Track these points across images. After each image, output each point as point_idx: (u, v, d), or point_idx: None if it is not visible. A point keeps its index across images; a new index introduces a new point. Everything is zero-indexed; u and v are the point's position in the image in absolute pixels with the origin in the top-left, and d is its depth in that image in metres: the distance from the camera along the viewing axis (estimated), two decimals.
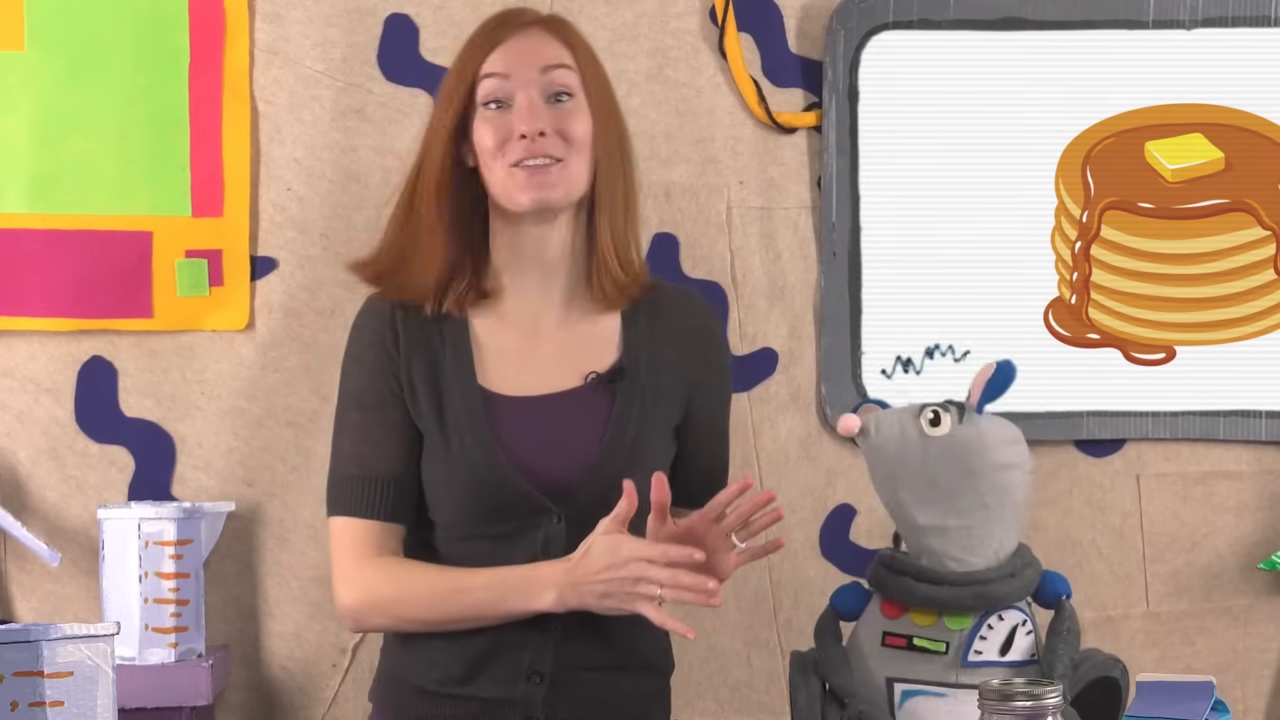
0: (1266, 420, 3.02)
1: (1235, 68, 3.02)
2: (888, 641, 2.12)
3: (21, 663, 1.78)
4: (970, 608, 2.08)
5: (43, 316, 2.97)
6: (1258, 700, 3.04)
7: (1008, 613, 2.10)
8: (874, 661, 2.12)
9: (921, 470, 2.11)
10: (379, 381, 2.36)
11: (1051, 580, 2.15)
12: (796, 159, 3.03)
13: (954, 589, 2.08)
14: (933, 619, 2.10)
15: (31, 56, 2.96)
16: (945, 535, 2.10)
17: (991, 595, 2.08)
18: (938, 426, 2.10)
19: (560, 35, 2.38)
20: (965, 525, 2.10)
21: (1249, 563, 3.03)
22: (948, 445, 2.10)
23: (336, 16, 2.99)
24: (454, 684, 2.34)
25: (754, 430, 3.00)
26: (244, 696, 3.01)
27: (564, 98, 2.34)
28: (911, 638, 2.11)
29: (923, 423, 2.10)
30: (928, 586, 2.09)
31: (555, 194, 2.32)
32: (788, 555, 3.01)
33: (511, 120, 2.32)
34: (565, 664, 2.32)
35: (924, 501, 2.11)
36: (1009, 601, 2.10)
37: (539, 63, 2.34)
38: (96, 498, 2.97)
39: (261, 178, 3.00)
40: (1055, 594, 2.15)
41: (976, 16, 3.00)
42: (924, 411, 2.11)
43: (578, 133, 2.33)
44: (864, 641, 2.14)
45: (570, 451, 2.33)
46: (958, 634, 2.09)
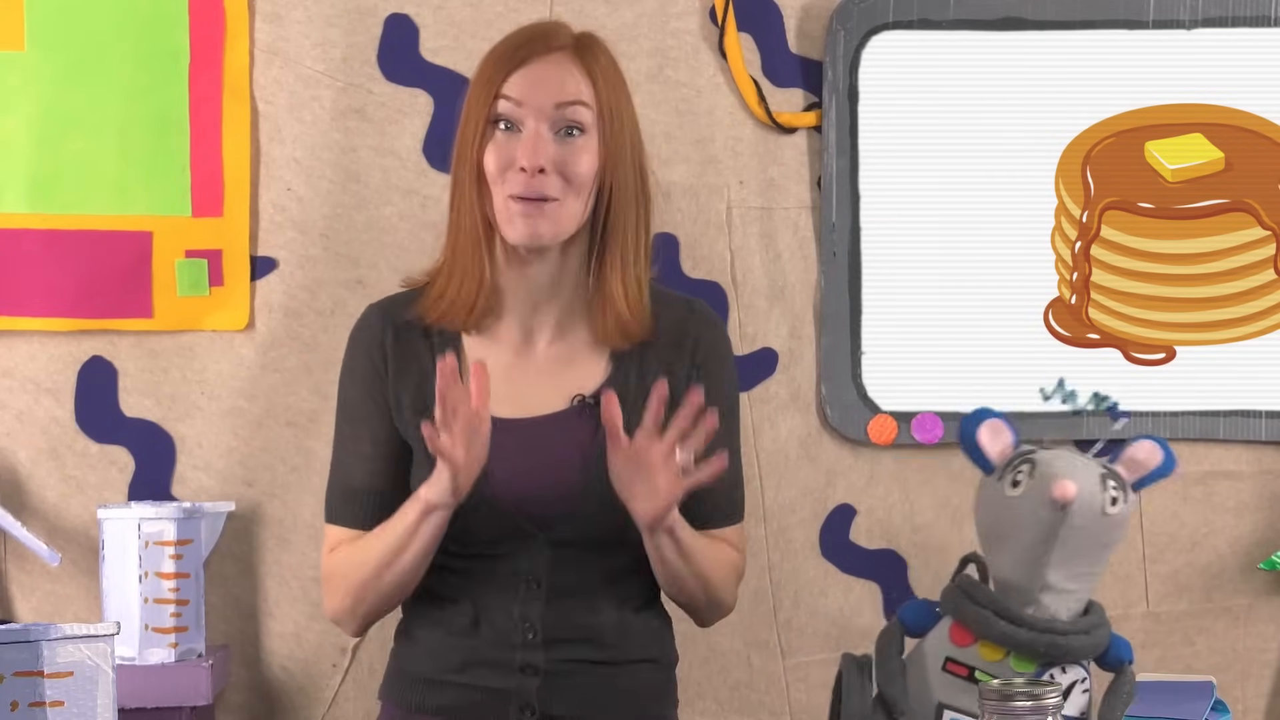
0: (1266, 420, 3.02)
1: (1235, 68, 3.02)
2: (949, 667, 2.11)
3: (21, 663, 1.78)
4: (1041, 655, 2.08)
5: (43, 316, 2.97)
6: (1258, 700, 3.04)
7: (1071, 668, 2.10)
8: (932, 683, 2.11)
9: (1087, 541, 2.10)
10: (366, 397, 2.36)
11: (1118, 645, 2.16)
12: (796, 159, 3.03)
13: (1032, 633, 2.08)
14: (1001, 656, 2.09)
15: (31, 56, 2.96)
16: (1063, 597, 2.11)
17: (1064, 648, 2.08)
18: (1115, 506, 2.09)
19: (585, 64, 2.33)
20: (1082, 590, 2.12)
21: (1249, 563, 3.03)
22: (1113, 522, 2.10)
23: (336, 16, 2.99)
24: (452, 672, 2.34)
25: (754, 430, 3.00)
26: (244, 696, 3.01)
27: (574, 132, 2.30)
28: (974, 669, 2.10)
29: (1106, 499, 2.09)
30: (1007, 625, 2.08)
31: (546, 233, 2.28)
32: (788, 555, 3.02)
33: (517, 148, 2.29)
34: (557, 660, 2.32)
35: (1067, 564, 2.10)
36: (1078, 657, 2.10)
37: (554, 97, 2.29)
38: (96, 498, 2.97)
39: (261, 178, 3.00)
40: (1120, 659, 2.16)
41: (976, 16, 3.00)
42: (1108, 488, 2.09)
43: (580, 172, 2.29)
44: (926, 661, 2.13)
45: (554, 476, 2.31)
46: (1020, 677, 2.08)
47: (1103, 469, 2.11)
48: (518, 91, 2.30)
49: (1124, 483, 2.11)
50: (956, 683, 2.10)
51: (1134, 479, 2.14)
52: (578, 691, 2.33)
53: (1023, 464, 2.10)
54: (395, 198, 2.99)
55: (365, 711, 2.98)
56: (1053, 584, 2.09)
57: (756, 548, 2.97)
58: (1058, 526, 2.07)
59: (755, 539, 2.96)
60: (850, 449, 3.00)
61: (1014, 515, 2.11)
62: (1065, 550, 2.08)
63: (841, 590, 3.02)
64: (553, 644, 2.32)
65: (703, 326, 2.41)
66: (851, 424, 3.00)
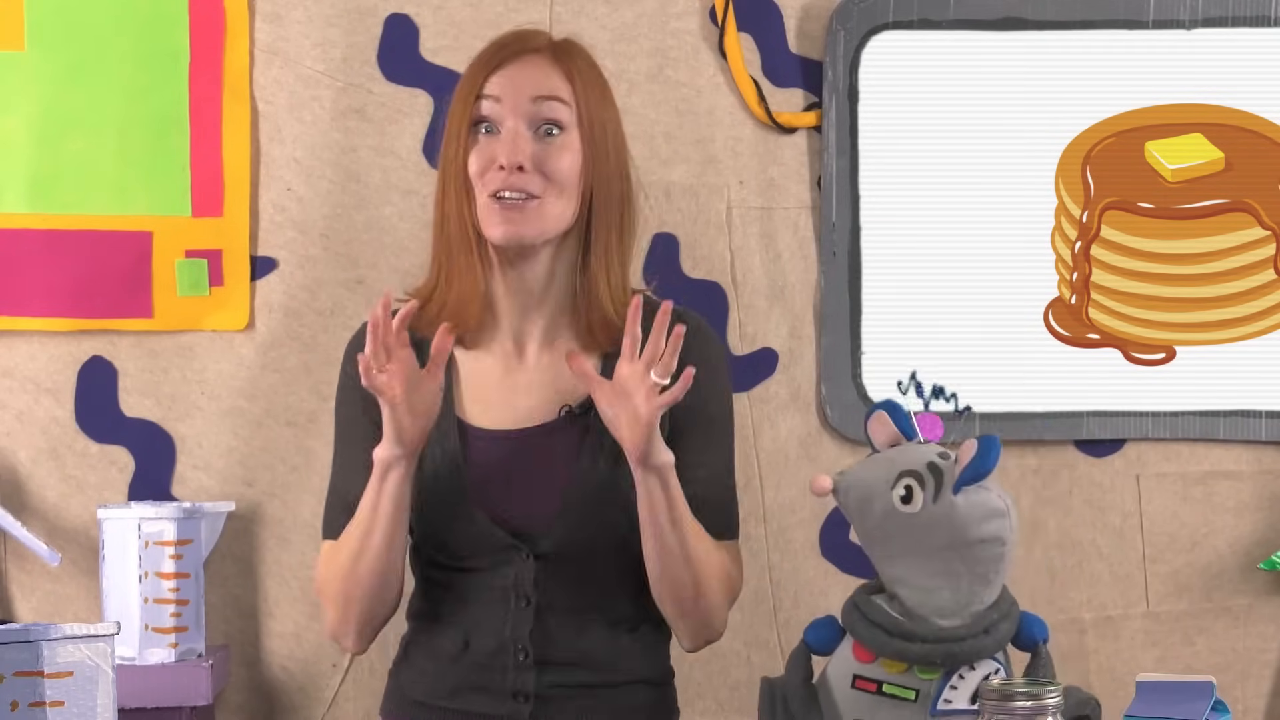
0: (1266, 420, 3.02)
1: (1235, 68, 3.02)
2: (858, 684, 2.10)
3: (21, 663, 1.78)
4: (939, 665, 2.06)
5: (43, 316, 2.97)
6: (1258, 700, 3.04)
7: (981, 662, 2.09)
8: (843, 703, 2.09)
9: (892, 537, 2.07)
10: (361, 413, 2.35)
11: (1029, 625, 2.11)
12: (796, 159, 3.03)
13: (925, 645, 2.04)
14: (904, 668, 2.07)
15: (31, 56, 2.96)
16: (925, 594, 2.08)
17: (963, 653, 2.05)
18: (909, 504, 2.06)
19: (563, 65, 2.33)
20: (935, 587, 2.07)
21: (1249, 563, 3.03)
22: (921, 521, 2.06)
23: (336, 16, 2.99)
24: (443, 698, 2.34)
25: (754, 430, 3.00)
26: (244, 696, 3.01)
27: (553, 130, 2.30)
28: (882, 683, 2.08)
29: (894, 498, 2.07)
30: (900, 641, 2.05)
31: (528, 232, 2.28)
32: (788, 555, 3.02)
33: (496, 147, 2.29)
34: (549, 685, 2.31)
35: (892, 558, 2.08)
36: (981, 657, 2.07)
37: (531, 92, 2.29)
38: (96, 498, 2.97)
39: (261, 178, 3.00)
40: (1032, 639, 2.11)
41: (976, 16, 3.00)
42: (897, 485, 2.06)
43: (560, 170, 2.28)
44: (834, 681, 2.11)
45: (539, 491, 2.31)
46: (928, 683, 2.07)
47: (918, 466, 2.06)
48: (496, 89, 2.30)
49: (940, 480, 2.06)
50: (868, 698, 2.09)
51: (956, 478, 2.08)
52: (571, 716, 2.32)
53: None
54: (395, 198, 2.99)
55: (365, 711, 2.98)
56: (894, 576, 2.07)
57: (756, 548, 2.97)
58: (854, 524, 2.10)
59: (755, 539, 2.96)
60: (850, 449, 3.00)
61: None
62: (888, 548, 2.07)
63: (841, 590, 3.00)
64: (544, 667, 2.31)
65: (695, 344, 2.32)
66: (851, 424, 3.00)
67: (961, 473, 2.05)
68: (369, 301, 2.96)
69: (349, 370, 2.38)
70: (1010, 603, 2.11)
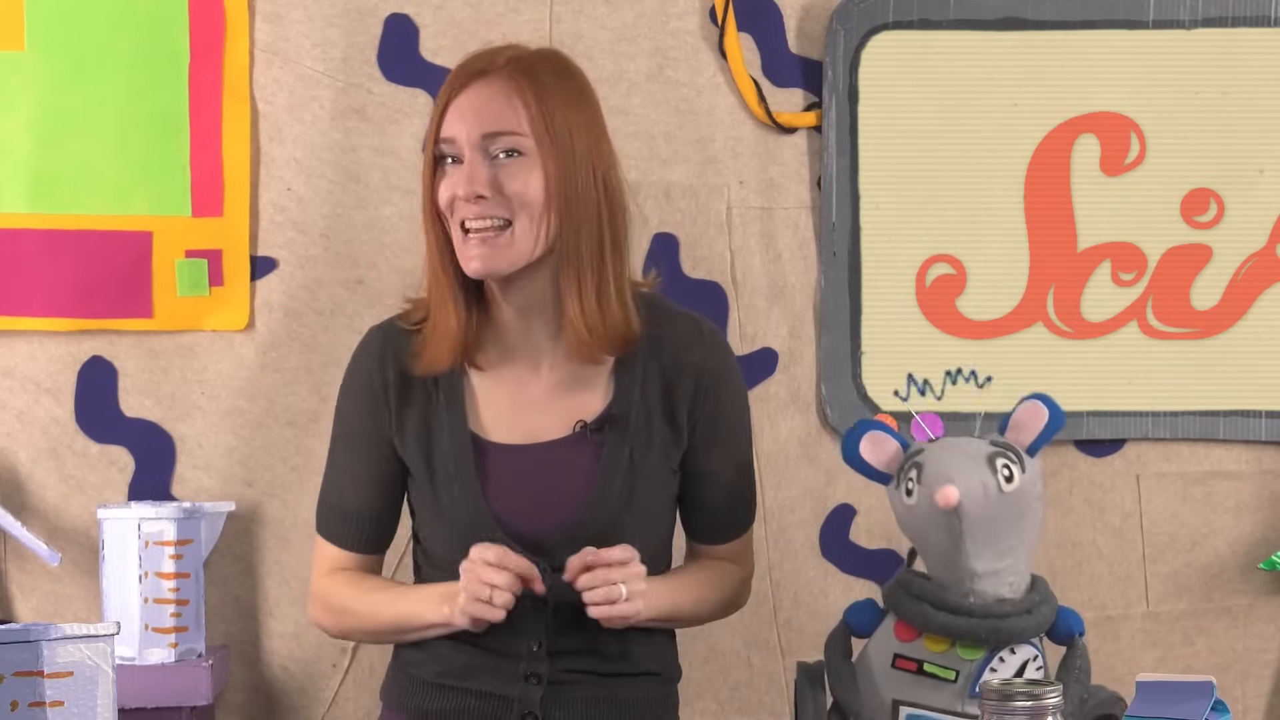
0: (1266, 420, 3.02)
1: (1235, 68, 3.02)
2: (898, 664, 2.11)
3: (21, 663, 1.78)
4: (985, 641, 2.08)
5: (43, 316, 2.97)
6: (1258, 700, 3.05)
7: (1021, 647, 2.10)
8: (883, 682, 2.11)
9: (994, 523, 2.08)
10: (363, 422, 2.36)
11: (1066, 617, 2.14)
12: (796, 159, 3.03)
13: (971, 620, 2.07)
14: (946, 646, 2.09)
15: (31, 56, 2.96)
16: (997, 577, 2.10)
17: (1008, 630, 2.08)
18: (1011, 482, 2.07)
19: (517, 83, 2.28)
20: (1012, 565, 2.10)
21: (1249, 563, 3.03)
22: (1014, 497, 2.08)
23: (336, 16, 2.99)
24: (454, 677, 2.35)
25: (754, 430, 3.00)
26: (244, 696, 3.01)
27: (513, 154, 2.26)
28: (923, 663, 2.10)
29: (998, 482, 2.07)
30: (946, 615, 2.07)
31: (499, 264, 2.26)
32: (788, 555, 3.02)
33: (458, 178, 2.27)
34: (562, 670, 2.33)
35: (984, 549, 2.09)
36: (1024, 637, 2.09)
37: (480, 129, 2.26)
38: (96, 498, 2.98)
39: (261, 178, 3.00)
40: (1070, 631, 2.14)
41: (976, 16, 3.00)
42: (998, 469, 2.07)
43: (520, 191, 2.25)
44: (874, 661, 2.13)
45: (555, 505, 2.31)
46: (969, 664, 2.08)
47: (992, 447, 2.09)
48: (450, 129, 2.28)
49: (1018, 453, 2.09)
50: (908, 678, 2.10)
51: (1027, 443, 2.12)
52: (581, 701, 2.34)
53: (911, 469, 2.10)
54: (395, 198, 2.99)
55: (365, 711, 2.98)
56: (979, 571, 2.08)
57: (757, 548, 2.95)
58: (958, 525, 2.07)
59: (755, 539, 2.94)
60: None
61: (917, 521, 2.11)
62: (977, 540, 2.08)
63: (841, 590, 3.02)
64: (557, 655, 2.32)
65: (709, 353, 2.37)
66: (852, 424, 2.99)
67: (1041, 433, 2.10)
68: (369, 301, 2.97)
69: (356, 371, 2.39)
70: (1046, 587, 2.15)
